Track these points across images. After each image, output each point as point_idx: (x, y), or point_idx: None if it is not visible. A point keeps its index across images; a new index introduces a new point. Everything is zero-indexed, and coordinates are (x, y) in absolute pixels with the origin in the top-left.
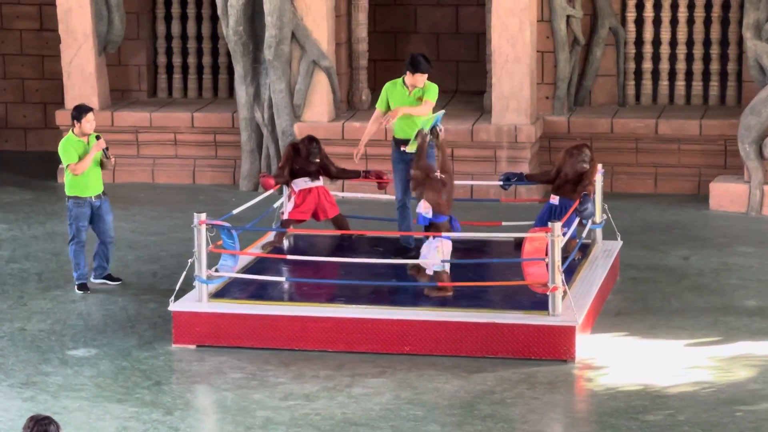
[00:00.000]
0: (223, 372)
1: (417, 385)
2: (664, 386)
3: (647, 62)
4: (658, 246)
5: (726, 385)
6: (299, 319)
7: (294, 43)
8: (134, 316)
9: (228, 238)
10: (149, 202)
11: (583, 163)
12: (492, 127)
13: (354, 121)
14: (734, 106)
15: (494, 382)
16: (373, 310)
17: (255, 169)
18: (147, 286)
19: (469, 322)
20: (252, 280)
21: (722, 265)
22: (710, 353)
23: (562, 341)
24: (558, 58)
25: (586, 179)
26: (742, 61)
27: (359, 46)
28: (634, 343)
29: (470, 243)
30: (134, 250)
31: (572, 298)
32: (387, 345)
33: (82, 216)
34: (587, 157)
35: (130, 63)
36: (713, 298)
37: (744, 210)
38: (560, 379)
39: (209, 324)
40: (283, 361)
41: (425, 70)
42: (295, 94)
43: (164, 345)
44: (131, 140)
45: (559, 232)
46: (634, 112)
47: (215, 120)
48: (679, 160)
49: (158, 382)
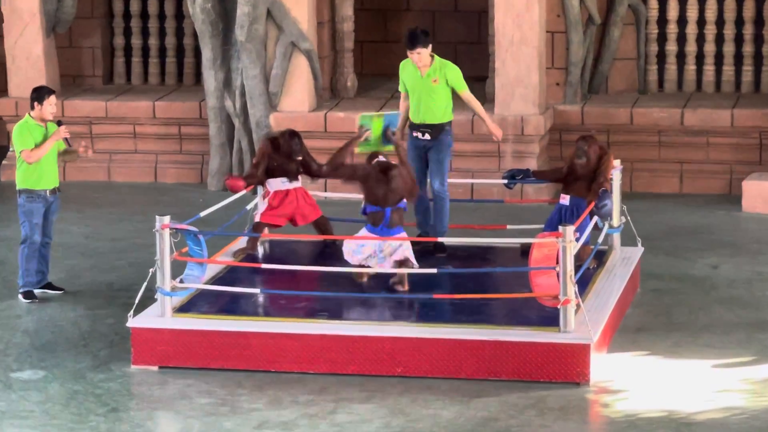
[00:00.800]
0: (189, 397)
1: (410, 411)
2: (691, 412)
3: (671, 44)
4: (683, 253)
5: (761, 410)
6: (276, 337)
7: (270, 23)
8: (88, 333)
9: (194, 245)
10: (105, 203)
11: (576, 158)
12: (495, 117)
13: (338, 110)
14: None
15: (498, 408)
16: (359, 327)
17: (225, 165)
18: (102, 299)
19: (470, 339)
20: (222, 292)
21: (756, 274)
22: (743, 375)
23: (575, 361)
24: (570, 40)
25: (600, 175)
26: None
27: (344, 25)
28: (656, 364)
29: (471, 249)
30: (88, 258)
31: (586, 312)
32: (376, 366)
33: (36, 212)
34: (581, 150)
35: (83, 45)
36: (746, 312)
37: None
38: (573, 404)
39: (173, 342)
40: (257, 385)
41: (417, 44)
42: (270, 80)
43: (122, 366)
44: (84, 133)
45: (572, 237)
46: (657, 100)
47: (180, 110)
48: (708, 156)
49: (115, 409)
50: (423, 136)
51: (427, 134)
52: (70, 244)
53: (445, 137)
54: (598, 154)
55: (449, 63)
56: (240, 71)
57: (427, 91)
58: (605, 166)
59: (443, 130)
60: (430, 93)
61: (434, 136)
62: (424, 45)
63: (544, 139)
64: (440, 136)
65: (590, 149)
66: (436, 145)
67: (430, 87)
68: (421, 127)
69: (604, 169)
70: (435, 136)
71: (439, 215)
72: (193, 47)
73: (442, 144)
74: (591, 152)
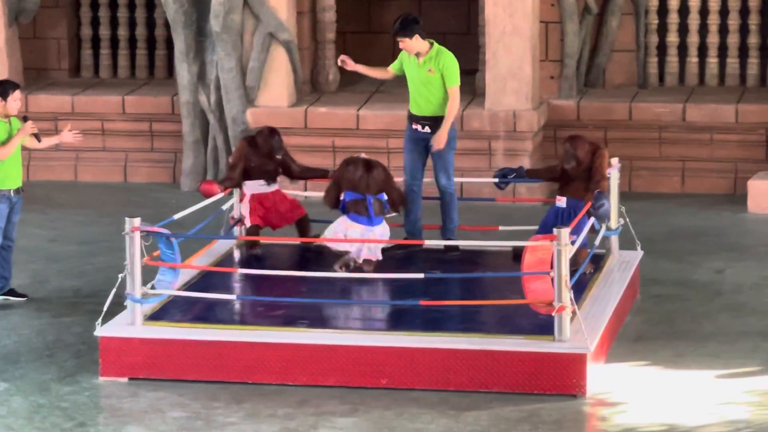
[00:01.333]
0: (161, 410)
1: (396, 425)
2: (694, 426)
3: (672, 35)
4: (686, 257)
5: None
6: (253, 346)
7: (246, 12)
8: (53, 342)
9: (167, 248)
10: (72, 204)
11: (565, 163)
12: (486, 113)
13: (319, 105)
14: None
15: (489, 421)
16: (342, 335)
17: (199, 164)
18: (69, 306)
19: (459, 349)
20: (196, 298)
21: (764, 279)
22: (748, 386)
23: (570, 372)
24: (565, 30)
25: (596, 174)
26: None
27: (326, 15)
28: (657, 375)
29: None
30: (54, 262)
31: (583, 319)
32: (359, 377)
33: (0, 213)
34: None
35: (48, 36)
36: (753, 320)
37: None
38: (569, 417)
39: (144, 352)
40: (233, 397)
41: (397, 33)
42: (247, 73)
43: (90, 378)
44: (49, 129)
45: (567, 241)
46: (657, 94)
47: (151, 105)
48: (712, 153)
49: (82, 423)
50: (423, 129)
51: (428, 127)
52: (34, 248)
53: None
54: (590, 152)
55: (445, 52)
56: (215, 64)
57: (423, 82)
58: (599, 164)
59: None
60: (426, 84)
61: (435, 128)
62: (405, 35)
63: (538, 136)
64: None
65: (578, 151)
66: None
67: (427, 77)
68: (421, 120)
69: (598, 166)
70: (436, 129)
71: (449, 212)
72: (165, 38)
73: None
74: (579, 153)
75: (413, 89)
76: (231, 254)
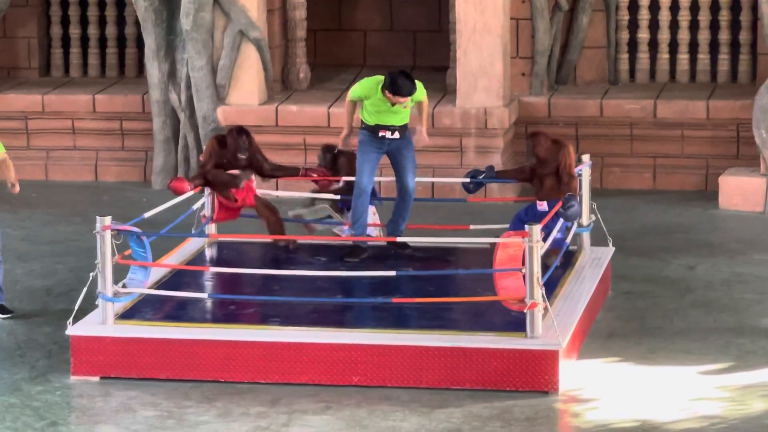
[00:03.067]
0: (132, 409)
1: (368, 423)
2: (665, 421)
3: (643, 31)
4: (657, 253)
5: (740, 419)
6: (225, 345)
7: (217, 10)
8: (24, 342)
9: (138, 247)
10: (42, 203)
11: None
12: (457, 110)
13: (290, 103)
14: (748, 84)
15: (461, 418)
16: (314, 333)
17: (170, 162)
18: (40, 306)
19: (431, 346)
20: (167, 297)
21: (735, 276)
22: (720, 382)
23: (542, 369)
24: (536, 27)
25: (564, 175)
26: (756, 29)
27: (296, 13)
28: (629, 371)
29: (432, 251)
30: (24, 262)
31: (554, 316)
32: (331, 375)
33: None
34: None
35: (17, 35)
36: (724, 316)
37: (760, 209)
38: (541, 414)
39: (115, 351)
40: (205, 396)
41: (407, 95)
42: (218, 71)
43: (61, 377)
44: (20, 128)
45: (539, 237)
46: (628, 91)
47: (122, 103)
48: (683, 150)
49: (54, 423)
50: (393, 135)
51: (397, 132)
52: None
53: (411, 134)
54: (552, 149)
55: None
56: (185, 62)
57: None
58: (566, 163)
59: (408, 128)
60: (398, 111)
61: (402, 134)
62: (408, 95)
63: (509, 133)
64: (407, 134)
65: (537, 148)
66: (407, 144)
67: (399, 109)
68: (391, 128)
69: (565, 166)
70: (403, 134)
71: (405, 212)
72: (136, 37)
73: (411, 142)
74: (539, 150)
75: (384, 112)
76: (202, 252)
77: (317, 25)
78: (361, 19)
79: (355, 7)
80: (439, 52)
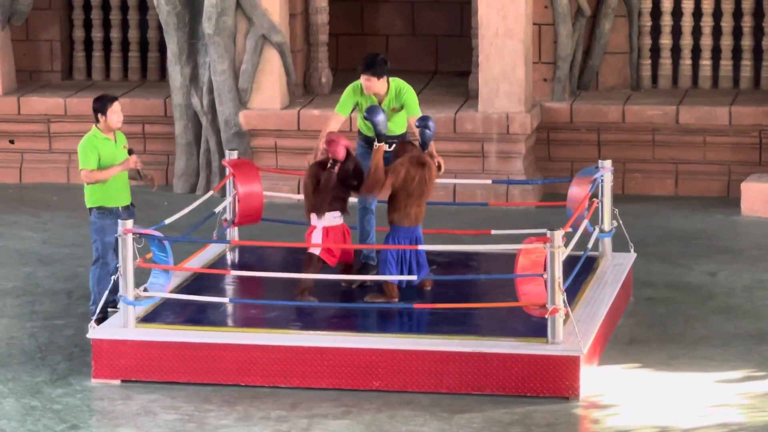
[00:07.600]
0: (153, 413)
1: (388, 428)
2: (686, 428)
3: (666, 37)
4: (679, 259)
5: (761, 427)
6: (245, 349)
7: (239, 14)
8: (45, 344)
9: (159, 251)
10: (64, 206)
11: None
12: (479, 115)
13: (312, 108)
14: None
15: (482, 423)
16: (334, 338)
17: (191, 166)
18: (61, 308)
19: (452, 351)
20: (188, 301)
21: (756, 282)
22: (742, 389)
23: (563, 375)
24: (559, 32)
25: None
26: None
27: (318, 17)
28: (649, 377)
29: (453, 256)
30: (46, 265)
31: (576, 322)
32: (352, 380)
33: (109, 229)
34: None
35: (41, 38)
36: (745, 323)
37: None
38: (561, 420)
39: (136, 354)
40: (226, 400)
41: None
42: (240, 75)
43: (82, 380)
44: (42, 132)
45: (560, 243)
46: (651, 97)
47: (143, 107)
48: (705, 156)
49: (75, 426)
50: (390, 148)
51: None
52: (26, 250)
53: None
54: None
55: (405, 87)
56: (207, 66)
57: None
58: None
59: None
60: (391, 118)
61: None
62: (376, 74)
63: (531, 139)
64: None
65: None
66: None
67: (391, 114)
68: (387, 139)
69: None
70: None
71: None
72: (158, 41)
73: None
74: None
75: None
76: (224, 257)
77: (339, 29)
78: (383, 23)
79: (378, 12)
80: (461, 57)
